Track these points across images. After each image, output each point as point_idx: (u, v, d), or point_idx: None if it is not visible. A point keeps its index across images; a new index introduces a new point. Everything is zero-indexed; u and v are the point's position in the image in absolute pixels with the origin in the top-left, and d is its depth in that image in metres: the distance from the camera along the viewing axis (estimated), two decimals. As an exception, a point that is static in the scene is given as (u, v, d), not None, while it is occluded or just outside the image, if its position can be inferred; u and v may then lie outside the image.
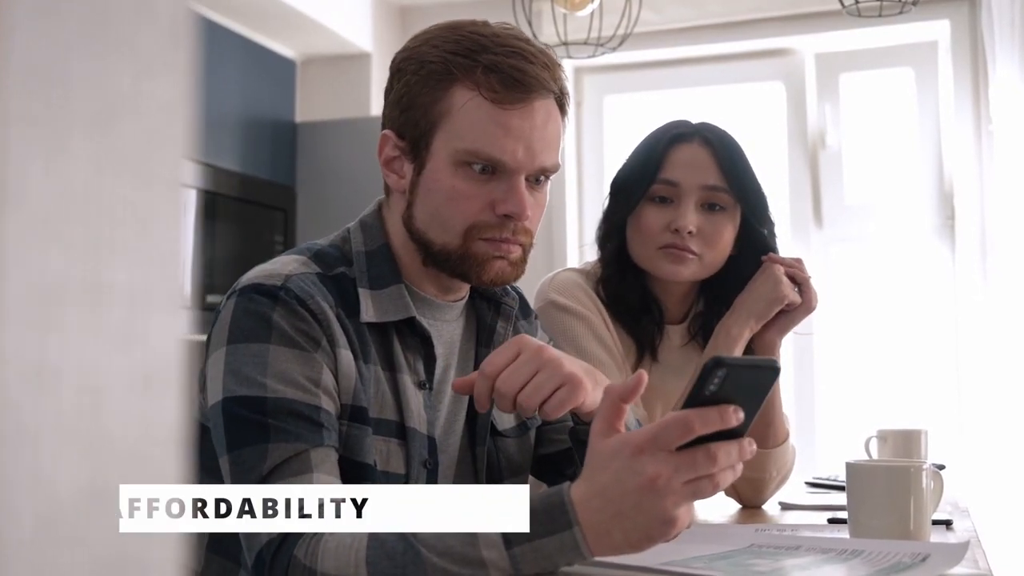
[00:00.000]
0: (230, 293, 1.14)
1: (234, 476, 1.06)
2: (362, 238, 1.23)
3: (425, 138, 1.17)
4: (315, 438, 1.06)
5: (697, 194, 1.62)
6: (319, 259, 1.18)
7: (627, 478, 0.90)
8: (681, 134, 1.65)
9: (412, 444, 1.17)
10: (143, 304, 0.35)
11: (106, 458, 0.34)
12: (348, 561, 0.97)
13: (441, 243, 1.18)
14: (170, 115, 0.37)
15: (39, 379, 0.32)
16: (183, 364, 0.37)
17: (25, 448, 0.33)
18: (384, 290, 1.19)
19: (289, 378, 1.07)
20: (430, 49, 1.17)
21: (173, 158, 0.37)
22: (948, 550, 1.10)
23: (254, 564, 1.03)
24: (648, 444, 0.90)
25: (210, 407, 1.11)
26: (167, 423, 0.36)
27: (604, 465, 0.92)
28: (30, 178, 0.33)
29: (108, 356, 0.34)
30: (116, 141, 0.35)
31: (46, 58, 0.33)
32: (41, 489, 0.33)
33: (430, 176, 1.17)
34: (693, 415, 0.89)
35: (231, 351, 1.09)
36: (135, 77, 0.36)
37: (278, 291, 1.11)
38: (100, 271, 0.34)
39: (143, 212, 0.36)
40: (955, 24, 3.66)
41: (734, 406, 0.90)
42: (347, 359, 1.12)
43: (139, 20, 0.36)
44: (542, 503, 0.93)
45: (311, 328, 1.10)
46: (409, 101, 1.17)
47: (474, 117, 1.14)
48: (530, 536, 0.92)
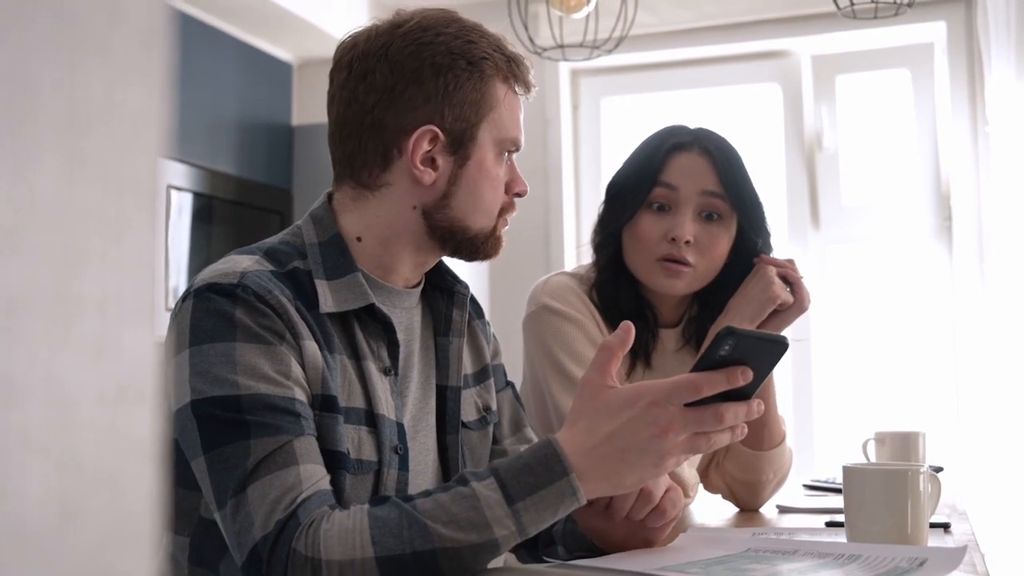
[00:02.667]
0: (184, 296, 1.13)
1: (214, 476, 1.04)
2: (314, 230, 1.22)
3: (471, 131, 1.21)
4: (295, 428, 1.06)
5: (695, 201, 1.62)
6: (270, 256, 1.18)
7: (640, 426, 1.00)
8: (680, 143, 1.65)
9: (382, 431, 1.17)
10: (114, 315, 0.35)
11: (76, 473, 0.33)
12: (354, 544, 0.97)
13: (479, 228, 1.24)
14: (144, 122, 0.36)
15: (6, 393, 0.32)
16: (157, 376, 0.36)
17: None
18: (341, 279, 1.18)
19: (260, 373, 1.07)
20: (465, 44, 1.20)
21: (147, 166, 0.36)
22: (946, 554, 1.09)
23: (247, 562, 1.01)
24: (663, 398, 0.99)
25: (175, 412, 1.09)
26: (140, 437, 0.35)
27: (614, 413, 1.01)
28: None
29: (78, 369, 0.34)
30: (88, 149, 0.35)
31: (13, 64, 0.32)
32: (9, 505, 0.32)
33: (477, 167, 1.22)
34: (702, 379, 0.99)
35: (195, 352, 1.08)
36: (107, 84, 0.35)
37: (235, 288, 1.10)
38: (71, 281, 0.34)
39: (115, 222, 0.35)
40: (951, 26, 3.65)
41: (742, 368, 0.99)
42: (312, 349, 1.12)
43: (111, 24, 0.35)
44: (534, 456, 1.01)
45: (273, 323, 1.09)
46: (459, 97, 1.20)
47: (511, 109, 1.24)
48: (530, 489, 0.99)
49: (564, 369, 1.60)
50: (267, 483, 1.02)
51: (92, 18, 0.34)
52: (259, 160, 3.57)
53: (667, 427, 0.99)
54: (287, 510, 1.00)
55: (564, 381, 1.59)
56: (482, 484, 1.00)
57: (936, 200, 3.70)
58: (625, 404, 1.01)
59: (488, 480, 1.00)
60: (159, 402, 0.36)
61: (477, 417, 1.33)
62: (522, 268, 3.62)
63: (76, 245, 0.33)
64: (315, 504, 1.02)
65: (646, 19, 3.69)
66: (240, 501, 1.02)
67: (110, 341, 0.34)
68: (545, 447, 1.01)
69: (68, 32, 0.33)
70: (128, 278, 0.34)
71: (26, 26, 0.33)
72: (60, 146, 0.33)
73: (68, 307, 0.33)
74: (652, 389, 1.00)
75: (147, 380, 0.35)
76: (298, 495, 1.02)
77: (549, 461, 1.00)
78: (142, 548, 0.35)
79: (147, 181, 0.35)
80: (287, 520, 1.00)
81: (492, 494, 0.98)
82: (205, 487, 1.06)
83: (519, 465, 1.01)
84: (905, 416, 3.56)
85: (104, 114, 0.34)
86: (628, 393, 1.01)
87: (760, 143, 3.84)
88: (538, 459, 1.00)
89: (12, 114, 0.32)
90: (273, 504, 1.01)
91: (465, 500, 0.98)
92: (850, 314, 3.78)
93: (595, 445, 1.00)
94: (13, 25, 0.32)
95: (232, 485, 1.03)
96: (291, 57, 3.93)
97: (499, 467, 1.01)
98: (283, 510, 1.01)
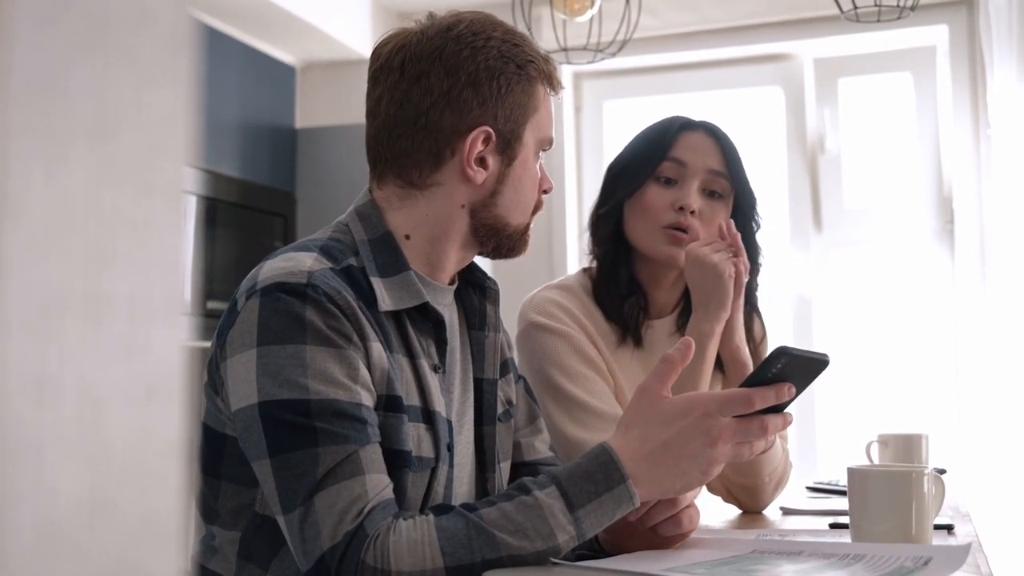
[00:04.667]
0: (249, 294, 1.12)
1: (280, 481, 1.05)
2: (362, 227, 1.23)
3: (518, 131, 1.25)
4: (361, 437, 1.07)
5: (701, 176, 1.68)
6: (326, 254, 1.17)
7: (694, 435, 1.07)
8: (689, 123, 1.73)
9: (438, 428, 1.19)
10: (144, 315, 0.35)
11: (107, 469, 0.34)
12: (424, 556, 1.00)
13: (517, 224, 1.28)
14: (171, 125, 0.36)
15: (40, 391, 0.32)
16: (185, 374, 0.37)
17: (26, 460, 0.32)
18: (394, 277, 1.19)
19: (330, 378, 1.07)
20: (512, 48, 1.24)
21: (174, 168, 0.36)
22: (950, 554, 1.09)
23: (313, 570, 1.02)
24: (716, 409, 1.07)
25: (238, 411, 1.09)
26: (168, 434, 0.36)
27: (669, 422, 1.07)
28: (31, 189, 0.33)
29: (109, 367, 0.34)
30: (117, 152, 0.35)
31: (47, 69, 0.33)
32: (42, 500, 0.33)
33: (522, 165, 1.26)
34: (755, 394, 1.07)
35: (263, 353, 1.08)
36: (136, 88, 0.36)
37: (305, 288, 1.10)
38: (101, 282, 0.34)
39: (143, 223, 0.36)
40: (953, 29, 3.66)
41: (789, 384, 1.09)
42: (377, 351, 1.13)
43: (140, 30, 0.36)
44: (593, 464, 1.06)
45: (342, 325, 1.10)
46: (512, 100, 1.23)
47: (548, 108, 1.30)
48: (590, 496, 1.05)
49: (556, 384, 1.60)
50: (335, 493, 1.03)
51: (121, 24, 0.35)
52: (262, 163, 3.58)
53: (717, 437, 1.06)
54: (355, 521, 1.02)
55: (557, 396, 1.60)
56: (544, 493, 1.04)
57: (938, 203, 3.71)
58: (680, 414, 1.07)
59: (550, 488, 1.05)
60: (187, 401, 0.37)
61: (502, 410, 1.35)
62: (525, 271, 3.63)
63: (106, 246, 0.34)
64: (380, 514, 1.04)
65: (649, 22, 3.70)
66: (308, 509, 1.03)
67: (139, 341, 0.35)
68: (602, 455, 1.07)
69: (98, 37, 0.34)
70: (156, 279, 0.35)
71: (57, 31, 0.34)
72: (90, 149, 0.34)
73: (99, 307, 0.33)
74: (704, 400, 1.07)
75: (175, 380, 0.36)
76: (364, 505, 1.03)
77: (607, 468, 1.06)
78: (169, 543, 0.36)
79: (174, 183, 0.36)
80: (355, 532, 1.01)
81: (555, 502, 1.04)
82: (268, 489, 1.07)
83: (579, 473, 1.06)
84: (908, 418, 3.57)
85: (133, 118, 0.35)
86: (682, 403, 1.08)
87: (762, 146, 3.85)
88: (596, 466, 1.06)
89: (44, 117, 0.33)
90: (341, 515, 1.02)
91: (530, 509, 1.03)
92: (852, 316, 3.78)
93: (650, 452, 1.07)
94: (45, 31, 0.33)
95: (301, 493, 1.04)
96: (294, 60, 3.94)
97: (559, 475, 1.06)
98: (351, 521, 1.02)
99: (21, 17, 0.32)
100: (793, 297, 3.78)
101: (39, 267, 0.33)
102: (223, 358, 1.12)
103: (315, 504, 1.03)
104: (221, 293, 3.25)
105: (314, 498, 1.03)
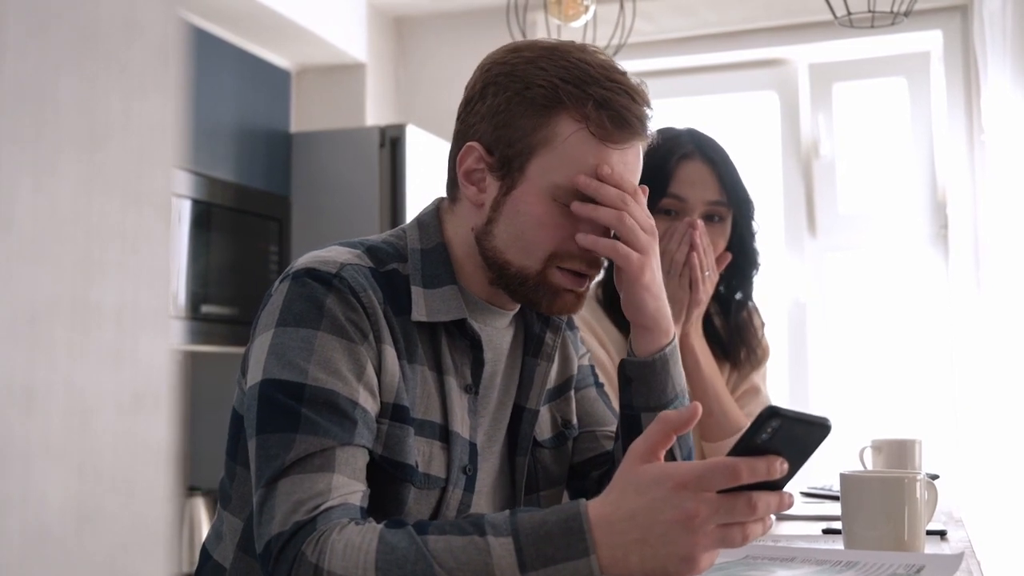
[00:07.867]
0: (283, 277, 1.14)
1: (258, 461, 1.05)
2: (418, 236, 1.22)
3: (520, 160, 1.15)
4: (345, 436, 1.05)
5: (701, 208, 1.76)
6: (372, 254, 1.17)
7: (663, 509, 0.90)
8: (685, 153, 1.78)
9: (454, 448, 1.16)
10: (132, 323, 0.35)
11: (95, 477, 0.34)
12: (356, 563, 0.96)
13: (519, 266, 1.17)
14: (160, 135, 0.37)
15: (28, 399, 0.32)
16: (173, 383, 0.37)
17: (14, 468, 0.32)
18: (438, 289, 1.18)
19: (333, 367, 1.07)
20: (536, 71, 1.14)
21: (163, 178, 0.37)
22: (943, 561, 1.10)
23: (261, 554, 1.02)
24: (692, 481, 0.90)
25: (248, 388, 1.10)
26: (157, 442, 0.36)
27: (641, 491, 0.92)
28: (19, 198, 0.33)
29: (97, 375, 0.34)
30: (106, 161, 0.35)
31: (36, 78, 0.33)
32: (30, 508, 0.33)
33: (520, 199, 1.16)
34: (742, 464, 0.89)
35: (278, 333, 1.09)
36: (125, 97, 0.36)
37: (332, 278, 1.11)
38: (89, 290, 0.34)
39: (132, 232, 0.36)
40: (947, 34, 3.67)
41: (781, 459, 0.90)
42: (391, 356, 1.12)
43: (129, 40, 0.36)
44: (559, 527, 0.93)
45: (361, 320, 1.10)
46: (507, 119, 1.15)
47: (577, 152, 1.14)
48: (546, 561, 0.92)
49: None
50: (297, 482, 1.02)
51: (110, 33, 0.35)
52: (257, 167, 3.58)
53: (692, 514, 0.89)
54: (308, 514, 1.01)
55: None
56: (498, 541, 0.94)
57: (932, 208, 3.72)
58: (653, 482, 0.91)
59: (505, 539, 0.94)
60: (175, 409, 0.37)
61: (553, 434, 1.31)
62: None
63: (94, 255, 0.34)
64: (338, 515, 1.01)
65: (644, 27, 3.70)
66: (269, 492, 1.03)
67: (127, 349, 0.35)
68: (572, 518, 0.93)
69: (87, 47, 0.34)
70: (145, 287, 0.35)
71: (46, 41, 0.34)
72: (79, 158, 0.34)
73: (87, 315, 0.34)
74: (682, 471, 0.91)
75: (163, 387, 0.36)
76: (323, 502, 1.01)
77: (572, 535, 0.92)
78: (158, 551, 0.36)
79: (163, 192, 0.36)
80: (304, 523, 1.00)
81: (506, 556, 0.93)
82: (252, 469, 1.07)
83: (542, 531, 0.94)
84: (901, 424, 3.57)
85: (121, 126, 0.35)
86: (656, 471, 0.92)
87: (757, 151, 3.85)
88: (562, 530, 0.93)
89: (33, 126, 0.33)
90: (296, 505, 1.01)
91: (478, 553, 0.93)
92: (847, 321, 3.79)
93: (617, 520, 0.92)
94: (34, 40, 0.33)
95: (267, 475, 1.03)
96: (290, 64, 3.94)
97: (520, 527, 0.94)
98: (304, 513, 1.01)
99: (10, 26, 0.32)
100: (788, 302, 3.79)
101: (27, 275, 0.33)
102: (251, 340, 1.14)
103: (277, 489, 1.02)
104: (215, 297, 3.25)
105: (277, 483, 1.02)
